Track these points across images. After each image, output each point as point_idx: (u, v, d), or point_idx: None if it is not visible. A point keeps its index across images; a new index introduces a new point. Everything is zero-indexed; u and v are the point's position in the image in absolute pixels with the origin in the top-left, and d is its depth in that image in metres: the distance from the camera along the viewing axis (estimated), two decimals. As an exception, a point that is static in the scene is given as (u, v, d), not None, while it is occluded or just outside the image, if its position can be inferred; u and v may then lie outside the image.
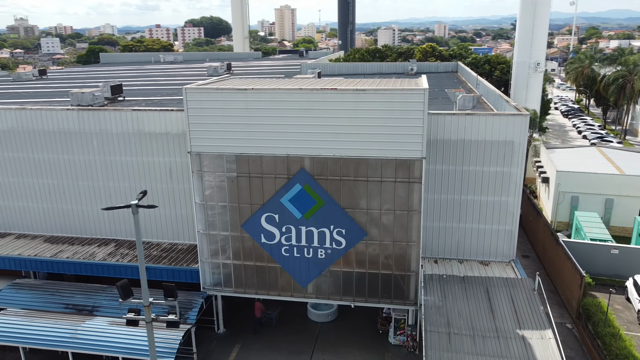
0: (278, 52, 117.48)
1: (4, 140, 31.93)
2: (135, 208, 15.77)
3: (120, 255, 30.37)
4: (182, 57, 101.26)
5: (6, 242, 32.48)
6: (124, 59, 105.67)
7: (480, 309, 24.62)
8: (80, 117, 30.75)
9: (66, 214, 32.79)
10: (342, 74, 62.70)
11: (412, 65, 61.28)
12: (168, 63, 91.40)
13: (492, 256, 29.13)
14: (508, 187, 27.81)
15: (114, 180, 31.40)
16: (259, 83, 26.15)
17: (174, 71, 66.64)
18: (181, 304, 27.01)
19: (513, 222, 28.45)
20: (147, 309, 15.14)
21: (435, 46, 75.35)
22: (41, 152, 31.76)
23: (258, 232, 25.77)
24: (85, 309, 27.16)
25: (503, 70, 64.05)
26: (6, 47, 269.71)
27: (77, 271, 29.89)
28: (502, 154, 27.40)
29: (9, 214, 33.56)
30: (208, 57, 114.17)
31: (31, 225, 33.47)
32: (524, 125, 26.82)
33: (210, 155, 25.24)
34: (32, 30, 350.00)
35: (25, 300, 27.90)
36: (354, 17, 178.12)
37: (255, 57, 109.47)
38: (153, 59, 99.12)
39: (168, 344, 24.23)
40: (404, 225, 24.78)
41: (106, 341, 24.54)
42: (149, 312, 15.17)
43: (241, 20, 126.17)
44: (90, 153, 31.20)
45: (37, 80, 59.65)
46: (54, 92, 44.23)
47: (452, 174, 28.24)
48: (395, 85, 24.19)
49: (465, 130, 27.44)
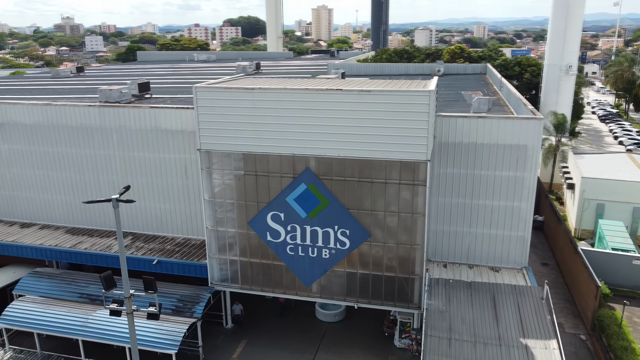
0: (310, 52, 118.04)
1: (31, 134, 33.28)
2: (116, 202, 16.31)
3: (135, 248, 31.23)
4: (215, 55, 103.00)
5: (30, 232, 33.87)
6: (160, 57, 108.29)
7: (485, 316, 24.22)
8: (101, 114, 31.76)
9: (87, 207, 33.88)
10: (368, 74, 62.48)
11: (439, 67, 60.53)
12: (201, 62, 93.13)
13: (504, 262, 28.57)
14: (521, 192, 27.23)
15: (132, 175, 32.28)
16: (270, 83, 26.42)
17: (205, 70, 67.80)
18: (189, 298, 27.67)
19: (525, 229, 27.84)
20: (128, 300, 15.59)
21: (465, 47, 74.07)
22: (65, 146, 32.95)
23: (264, 230, 26.08)
24: (98, 299, 28.06)
25: (533, 73, 62.50)
26: (53, 44, 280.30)
27: (93, 262, 30.94)
28: (515, 158, 26.85)
29: (34, 205, 34.97)
30: (240, 56, 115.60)
31: (55, 216, 34.78)
32: (537, 130, 26.21)
33: (219, 153, 25.68)
34: (77, 28, 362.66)
35: (43, 288, 29.04)
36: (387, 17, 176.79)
37: (287, 56, 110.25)
38: (187, 57, 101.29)
39: (172, 336, 24.80)
40: (408, 228, 24.60)
41: (114, 331, 25.31)
42: (130, 303, 15.62)
43: (275, 20, 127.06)
44: (110, 148, 32.18)
45: (74, 77, 61.66)
46: (88, 89, 45.63)
47: (464, 178, 27.85)
48: (402, 86, 24.04)
49: (477, 133, 27.04)
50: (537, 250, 39.90)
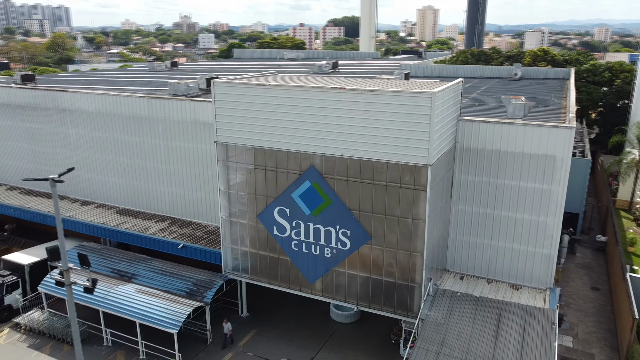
0: (400, 53, 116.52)
1: (92, 121, 36.63)
2: (53, 182, 17.54)
3: (169, 232, 33.23)
4: (304, 54, 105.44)
5: (87, 210, 37.35)
6: (253, 54, 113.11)
7: (484, 334, 22.80)
8: (150, 105, 34.14)
9: (136, 190, 36.66)
10: (441, 76, 60.71)
11: (516, 70, 57.15)
12: (289, 59, 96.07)
13: (527, 281, 26.62)
14: (547, 206, 25.22)
15: (173, 163, 34.36)
16: (287, 80, 26.82)
17: (288, 67, 69.67)
18: (203, 283, 28.97)
19: (552, 246, 25.74)
20: (67, 273, 16.81)
21: (549, 50, 68.72)
22: (119, 133, 35.86)
23: (271, 224, 26.58)
24: (126, 275, 30.31)
25: (626, 80, 56.70)
26: (170, 41, 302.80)
27: (129, 241, 33.44)
28: (542, 169, 24.92)
29: (93, 185, 38.48)
30: (329, 55, 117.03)
31: (109, 197, 38.01)
32: (567, 139, 24.12)
33: (233, 146, 26.59)
34: (193, 26, 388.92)
35: (83, 261, 31.88)
36: (483, 18, 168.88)
37: (374, 57, 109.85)
38: (278, 55, 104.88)
39: (175, 316, 26.18)
40: (409, 234, 23.77)
41: (129, 306, 27.26)
42: (68, 275, 16.84)
43: (368, 20, 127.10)
44: (156, 137, 34.49)
45: (167, 71, 66.29)
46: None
47: (486, 186, 26.36)
48: (408, 87, 23.26)
49: (501, 140, 25.46)
50: (591, 273, 36.45)
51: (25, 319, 29.81)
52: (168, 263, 31.51)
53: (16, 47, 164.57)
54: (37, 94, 38.98)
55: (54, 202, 18.90)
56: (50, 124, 38.84)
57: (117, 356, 27.54)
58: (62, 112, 37.97)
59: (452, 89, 24.26)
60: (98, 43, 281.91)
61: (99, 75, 62.82)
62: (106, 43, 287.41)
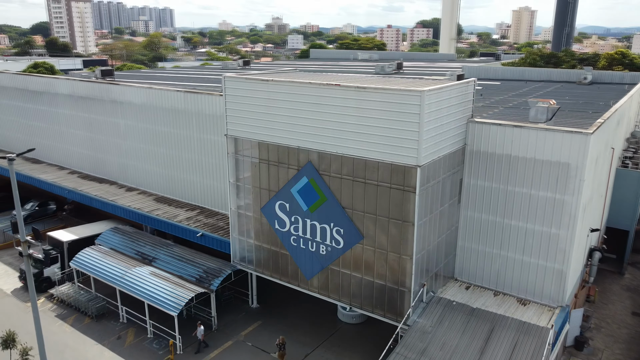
0: (479, 55, 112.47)
1: (138, 112, 39.08)
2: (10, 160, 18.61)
3: (195, 220, 34.67)
4: (377, 55, 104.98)
5: (130, 195, 39.89)
6: (328, 55, 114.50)
7: (471, 347, 21.63)
8: (185, 98, 35.83)
9: (172, 179, 38.62)
10: (505, 78, 57.93)
11: (586, 74, 53.05)
12: (362, 60, 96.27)
13: (537, 296, 24.82)
14: (560, 217, 23.38)
15: (205, 155, 35.80)
16: (295, 77, 27.02)
17: (356, 68, 69.81)
18: (212, 271, 29.98)
19: (564, 261, 23.80)
20: (24, 245, 18.01)
21: (628, 52, 62.57)
22: (159, 124, 37.96)
23: (273, 217, 26.93)
24: (147, 258, 32.10)
25: None
26: (261, 42, 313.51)
27: (156, 226, 35.31)
28: (555, 177, 23.15)
29: (138, 173, 41.03)
30: (403, 57, 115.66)
31: (151, 184, 40.34)
32: (583, 146, 22.20)
33: (241, 140, 27.26)
34: (283, 28, 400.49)
35: (114, 242, 34.25)
36: (572, 19, 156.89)
37: (450, 58, 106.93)
38: (352, 56, 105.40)
39: (177, 300, 27.32)
40: (398, 236, 23.03)
41: (140, 286, 28.86)
42: (26, 247, 18.02)
43: (450, 22, 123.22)
44: (190, 129, 36.12)
45: (240, 69, 68.92)
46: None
47: (496, 193, 24.95)
48: (402, 85, 22.51)
49: (512, 144, 23.99)
50: (636, 297, 33.11)
51: (57, 291, 32.55)
52: (187, 250, 32.95)
53: (118, 46, 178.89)
54: (94, 86, 42.27)
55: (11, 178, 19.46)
56: (104, 114, 41.94)
57: (129, 333, 29.28)
58: (114, 104, 40.86)
59: (454, 88, 23.16)
60: (194, 43, 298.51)
61: (174, 72, 66.71)
62: (201, 43, 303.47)
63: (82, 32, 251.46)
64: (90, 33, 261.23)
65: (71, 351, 27.48)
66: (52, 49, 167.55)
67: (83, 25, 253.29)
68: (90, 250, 33.04)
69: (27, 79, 49.28)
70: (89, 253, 32.62)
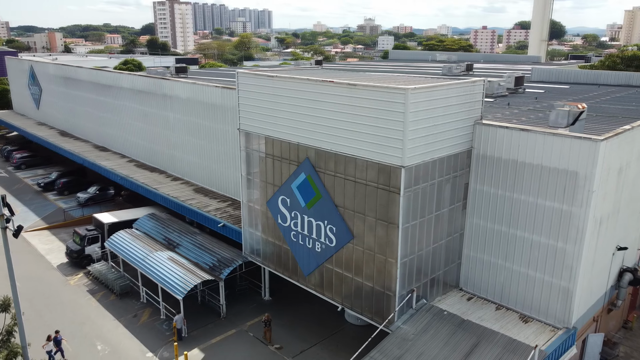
0: (569, 57, 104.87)
1: (184, 106, 41.18)
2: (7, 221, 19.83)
3: (222, 211, 35.90)
4: (456, 56, 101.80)
5: (173, 184, 42.13)
6: (406, 56, 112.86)
7: (450, 359, 20.48)
8: (222, 94, 37.21)
9: (210, 170, 40.28)
10: (577, 82, 53.78)
11: (668, 78, 47.75)
12: (439, 62, 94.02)
13: (542, 315, 23.01)
14: (567, 230, 21.53)
15: (238, 149, 36.87)
16: (301, 74, 27.10)
17: (430, 69, 68.48)
18: (225, 260, 30.96)
19: (570, 278, 21.86)
20: (1, 218, 19.36)
21: None
22: (201, 118, 39.75)
23: (276, 212, 27.23)
24: (172, 243, 33.78)
25: None
26: (352, 43, 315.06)
27: (186, 214, 37.01)
28: (562, 186, 21.35)
29: (183, 164, 43.23)
30: (484, 58, 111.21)
31: (192, 175, 42.36)
32: (592, 154, 20.25)
33: (252, 134, 27.85)
34: (375, 29, 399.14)
35: (147, 227, 36.38)
36: None
37: (534, 61, 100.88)
38: (430, 57, 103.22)
39: (185, 285, 28.48)
40: (385, 238, 22.33)
41: (156, 269, 30.45)
42: (3, 220, 19.37)
43: (541, 23, 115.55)
44: (226, 123, 37.44)
45: (310, 68, 70.38)
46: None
47: (502, 200, 23.47)
48: (392, 83, 21.76)
49: (518, 149, 22.45)
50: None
51: (93, 268, 35.22)
52: (209, 238, 34.23)
53: (212, 45, 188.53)
54: (149, 81, 45.12)
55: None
56: (157, 107, 44.64)
57: (145, 312, 31.03)
58: (164, 98, 43.37)
59: (452, 88, 22.02)
60: (287, 43, 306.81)
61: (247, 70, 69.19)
62: (294, 44, 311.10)
63: (182, 33, 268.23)
64: (190, 33, 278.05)
65: (90, 324, 29.66)
66: (152, 48, 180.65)
67: (184, 25, 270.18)
68: (123, 233, 35.37)
69: (98, 74, 53.72)
70: (121, 235, 34.95)
